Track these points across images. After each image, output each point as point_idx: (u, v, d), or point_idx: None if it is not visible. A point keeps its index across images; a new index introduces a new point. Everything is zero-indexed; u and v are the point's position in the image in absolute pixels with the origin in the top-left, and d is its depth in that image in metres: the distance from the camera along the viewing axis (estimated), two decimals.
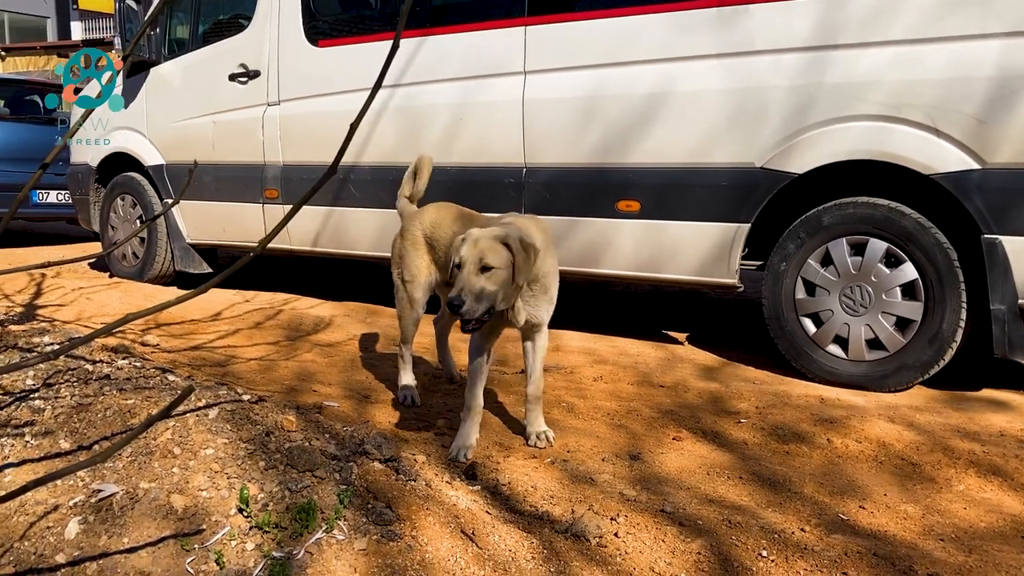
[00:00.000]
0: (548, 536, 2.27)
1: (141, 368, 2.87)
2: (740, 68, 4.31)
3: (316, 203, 5.92)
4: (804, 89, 4.14)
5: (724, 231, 4.45)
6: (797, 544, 2.34)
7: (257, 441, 2.24)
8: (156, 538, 1.91)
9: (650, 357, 4.84)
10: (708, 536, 2.37)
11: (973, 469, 3.08)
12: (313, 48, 5.85)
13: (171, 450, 2.18)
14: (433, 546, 2.01)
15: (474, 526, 2.17)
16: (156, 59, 6.77)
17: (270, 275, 7.70)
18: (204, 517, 1.98)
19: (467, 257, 2.82)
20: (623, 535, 2.35)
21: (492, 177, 5.13)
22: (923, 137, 3.88)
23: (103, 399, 2.41)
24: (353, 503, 2.08)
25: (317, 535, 1.93)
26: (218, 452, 2.17)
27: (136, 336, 4.85)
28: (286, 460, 2.17)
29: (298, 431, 2.36)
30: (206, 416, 2.32)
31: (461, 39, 5.18)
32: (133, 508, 2.00)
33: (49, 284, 6.01)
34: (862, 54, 4.01)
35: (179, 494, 2.03)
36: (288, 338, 5.26)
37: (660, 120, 4.54)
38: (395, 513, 2.09)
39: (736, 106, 4.32)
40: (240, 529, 1.95)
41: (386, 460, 2.40)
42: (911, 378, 4.08)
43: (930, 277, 3.98)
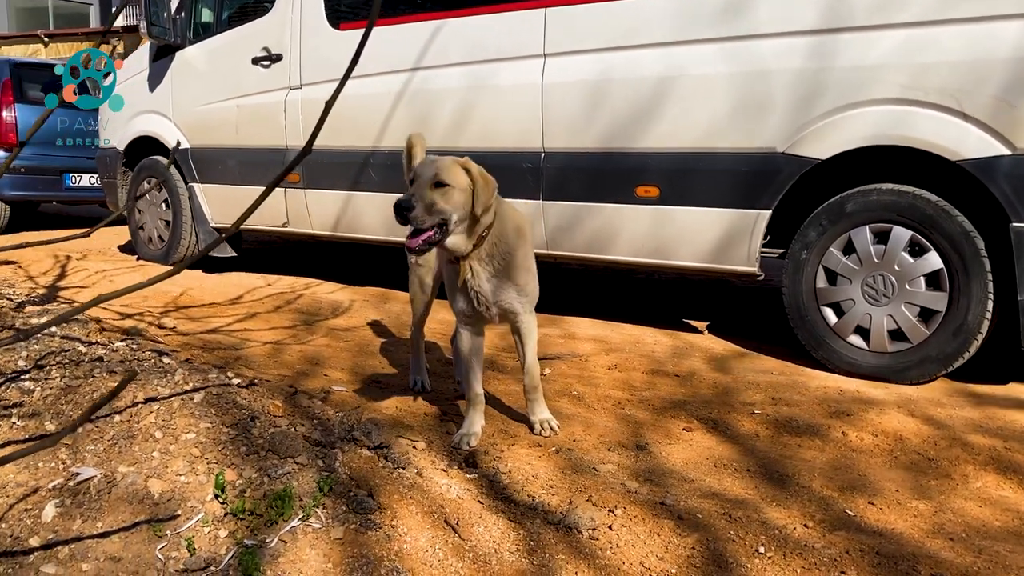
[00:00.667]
0: (539, 527, 2.22)
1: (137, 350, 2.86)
2: (763, 50, 4.19)
3: (336, 188, 5.91)
4: (827, 72, 4.02)
5: (744, 218, 4.34)
6: (797, 541, 2.26)
7: (241, 426, 2.21)
8: (130, 523, 1.89)
9: (666, 346, 4.75)
10: (705, 531, 2.30)
11: (992, 466, 2.97)
12: (334, 31, 5.81)
13: (152, 434, 2.16)
14: (412, 536, 1.97)
15: (459, 516, 2.12)
16: (181, 43, 6.78)
17: (296, 259, 7.72)
18: (180, 503, 1.95)
19: (421, 172, 2.74)
20: (618, 528, 2.29)
21: (510, 162, 5.05)
22: (950, 121, 3.75)
23: (92, 381, 2.39)
24: (334, 491, 2.05)
25: (293, 523, 1.90)
26: (199, 437, 2.15)
27: (153, 319, 4.87)
28: (268, 446, 2.14)
29: (285, 416, 2.33)
30: (191, 400, 2.30)
31: (480, 21, 5.11)
32: (110, 492, 1.99)
33: (74, 266, 6.07)
34: (887, 35, 3.88)
35: (157, 479, 2.01)
36: (304, 322, 5.25)
37: (680, 104, 4.44)
38: (376, 502, 2.05)
39: (757, 90, 4.21)
40: (215, 515, 1.92)
41: (375, 447, 2.36)
42: (934, 371, 3.95)
43: (955, 266, 3.85)
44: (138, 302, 5.34)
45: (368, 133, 5.65)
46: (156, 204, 7.18)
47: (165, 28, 6.69)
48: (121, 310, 4.98)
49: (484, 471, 2.74)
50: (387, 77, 5.53)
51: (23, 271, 5.87)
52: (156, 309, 5.22)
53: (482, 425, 3.16)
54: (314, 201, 6.07)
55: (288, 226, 6.32)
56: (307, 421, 2.37)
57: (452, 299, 3.12)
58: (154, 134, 7.03)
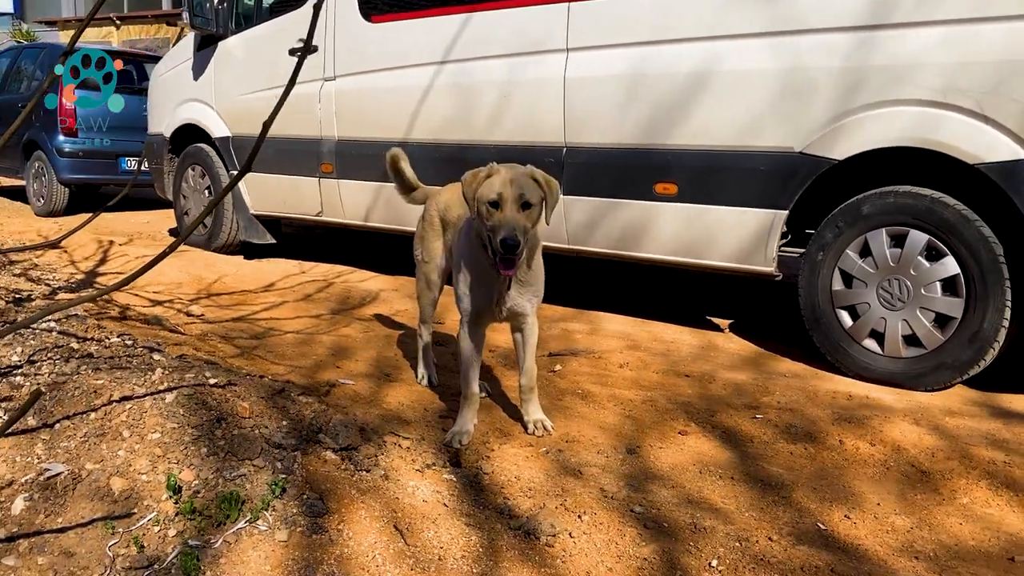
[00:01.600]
0: (497, 533, 2.26)
1: (131, 346, 2.97)
2: (779, 49, 4.13)
3: (367, 178, 6.00)
4: (845, 72, 3.94)
5: (762, 217, 4.30)
6: (756, 555, 2.26)
7: (205, 427, 2.29)
8: (88, 519, 1.98)
9: (685, 344, 4.73)
10: (665, 541, 2.32)
11: (986, 481, 2.91)
12: (366, 23, 5.88)
13: (121, 432, 2.25)
14: (356, 541, 2.02)
15: (413, 520, 2.17)
16: (223, 33, 6.92)
17: (334, 247, 7.85)
18: (137, 501, 2.04)
19: (508, 194, 2.75)
20: (578, 535, 2.31)
21: (533, 156, 5.04)
22: (969, 124, 3.65)
23: (77, 378, 2.50)
24: (287, 493, 2.12)
25: (239, 524, 1.97)
26: (164, 437, 2.23)
27: (183, 306, 5.03)
28: (228, 447, 2.22)
29: (252, 418, 2.40)
30: (163, 400, 2.39)
31: (504, 16, 5.12)
32: (74, 488, 2.09)
33: (116, 252, 6.28)
34: (906, 35, 3.79)
35: (119, 476, 2.10)
36: (332, 311, 5.35)
37: (698, 101, 4.40)
38: (326, 505, 2.11)
39: (775, 88, 4.15)
40: (167, 515, 2.00)
41: (340, 449, 2.42)
42: (949, 378, 3.87)
43: (972, 272, 3.76)
44: (171, 288, 5.52)
45: (397, 125, 5.71)
46: (200, 191, 7.37)
47: (208, 18, 6.85)
48: (153, 296, 5.15)
49: (467, 471, 2.79)
50: (415, 70, 5.58)
51: (67, 255, 6.09)
52: (188, 296, 5.38)
53: (475, 423, 3.21)
54: (347, 191, 6.17)
55: (322, 215, 6.44)
56: (275, 423, 2.44)
57: (468, 299, 3.14)
58: (198, 122, 7.20)
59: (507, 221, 2.74)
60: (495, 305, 3.10)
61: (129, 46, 28.42)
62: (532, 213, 2.83)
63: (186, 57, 7.34)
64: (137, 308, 4.66)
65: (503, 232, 2.71)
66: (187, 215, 7.58)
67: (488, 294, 3.09)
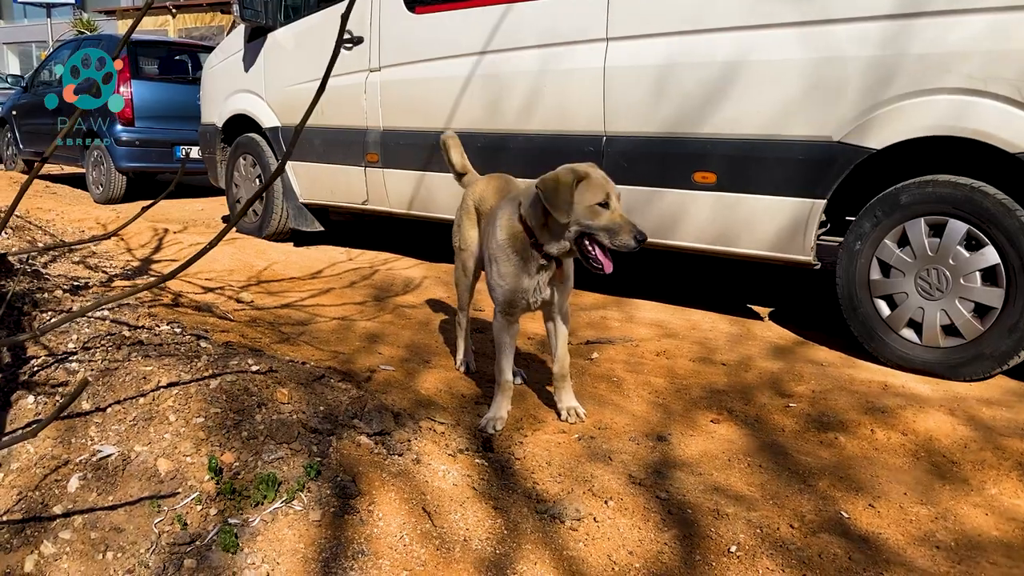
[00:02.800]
0: (522, 516, 2.34)
1: (180, 334, 3.10)
2: (818, 37, 4.12)
3: (411, 168, 6.10)
4: (883, 60, 3.92)
5: (799, 206, 4.30)
6: (775, 541, 2.31)
7: (247, 412, 2.40)
8: (136, 498, 2.11)
9: (721, 332, 4.76)
10: (687, 527, 2.38)
11: (1017, 472, 2.91)
12: (410, 14, 5.96)
13: (168, 416, 2.38)
14: (385, 521, 2.12)
15: (440, 503, 2.26)
16: (273, 24, 7.07)
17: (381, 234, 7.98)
18: (181, 481, 2.17)
19: (614, 193, 2.86)
20: (602, 519, 2.38)
21: (573, 145, 5.12)
22: (1009, 112, 3.61)
23: (128, 365, 2.64)
24: (322, 476, 2.22)
25: (275, 504, 2.08)
26: (208, 421, 2.35)
27: (233, 293, 5.18)
28: (267, 432, 2.33)
29: (290, 403, 2.51)
30: (207, 386, 2.51)
31: (545, 5, 5.16)
32: (124, 469, 2.22)
33: (170, 239, 6.47)
34: (943, 22, 3.75)
35: (165, 458, 2.23)
36: (375, 298, 5.48)
37: (737, 90, 4.41)
38: (357, 487, 2.21)
39: (814, 77, 4.14)
40: (208, 495, 2.12)
41: (374, 434, 2.52)
42: (988, 368, 3.85)
43: (1012, 262, 3.72)
44: (223, 276, 5.69)
45: (441, 115, 5.79)
46: (251, 179, 7.55)
47: (257, 11, 6.99)
48: (205, 284, 5.32)
49: (498, 456, 2.88)
50: (458, 60, 5.65)
51: (124, 243, 6.31)
52: (238, 283, 5.54)
53: (508, 410, 3.29)
54: (391, 180, 6.28)
55: (368, 203, 6.56)
56: (313, 408, 2.55)
57: (502, 289, 3.17)
58: (248, 112, 7.37)
59: (627, 220, 2.83)
60: (529, 295, 3.17)
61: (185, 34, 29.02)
62: None
63: (237, 48, 7.51)
64: (189, 295, 4.83)
65: (631, 231, 2.80)
66: (239, 203, 7.78)
67: (522, 285, 3.15)
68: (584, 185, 2.84)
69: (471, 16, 5.55)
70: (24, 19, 43.72)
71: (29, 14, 42.42)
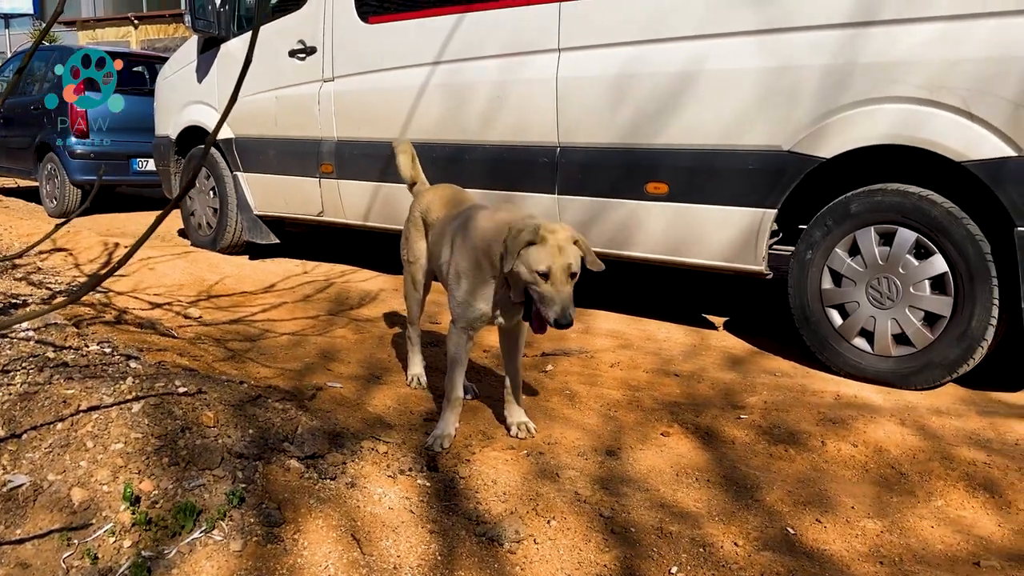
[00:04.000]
0: (459, 540, 2.28)
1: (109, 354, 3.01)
2: (765, 47, 4.12)
3: (367, 179, 6.03)
4: (830, 70, 3.92)
5: (751, 216, 4.29)
6: (718, 560, 2.27)
7: (169, 437, 2.32)
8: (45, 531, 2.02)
9: (677, 343, 4.73)
10: (629, 547, 2.33)
11: (963, 483, 2.90)
12: (364, 24, 5.90)
13: (85, 443, 2.29)
14: (310, 551, 2.05)
15: (371, 529, 2.19)
16: (225, 35, 6.97)
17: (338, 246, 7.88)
18: (96, 512, 2.08)
19: (558, 267, 2.71)
20: (542, 541, 2.33)
21: (527, 156, 5.09)
22: (955, 121, 3.63)
23: (49, 388, 2.54)
24: (246, 503, 2.15)
25: (194, 535, 2.00)
26: (127, 447, 2.27)
27: (181, 308, 5.08)
28: (189, 457, 2.25)
29: (216, 427, 2.43)
30: (129, 410, 2.43)
31: (497, 16, 5.13)
32: (35, 500, 2.13)
33: (120, 253, 6.33)
34: (891, 31, 3.77)
35: (80, 487, 2.14)
36: (329, 312, 5.39)
37: (687, 100, 4.39)
38: (282, 515, 2.14)
39: (762, 86, 4.14)
40: (123, 526, 2.04)
41: (306, 457, 2.44)
42: (938, 377, 3.85)
43: (960, 271, 3.74)
44: (172, 290, 5.57)
45: (395, 126, 5.73)
46: (204, 192, 7.43)
47: (209, 21, 6.90)
48: (153, 299, 5.21)
49: (443, 475, 2.81)
50: (412, 71, 5.59)
51: (72, 258, 6.17)
52: (188, 298, 5.43)
53: (457, 427, 3.23)
54: (347, 191, 6.20)
55: (324, 215, 6.48)
56: (241, 431, 2.47)
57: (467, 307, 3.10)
58: (202, 124, 7.26)
59: (561, 299, 2.70)
60: (494, 315, 3.11)
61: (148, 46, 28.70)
62: (575, 280, 2.79)
63: (190, 60, 7.40)
64: (135, 311, 4.72)
65: (558, 309, 2.68)
66: (193, 215, 7.66)
67: (488, 306, 3.08)
68: (534, 252, 2.74)
69: (424, 26, 5.50)
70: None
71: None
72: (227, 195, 7.16)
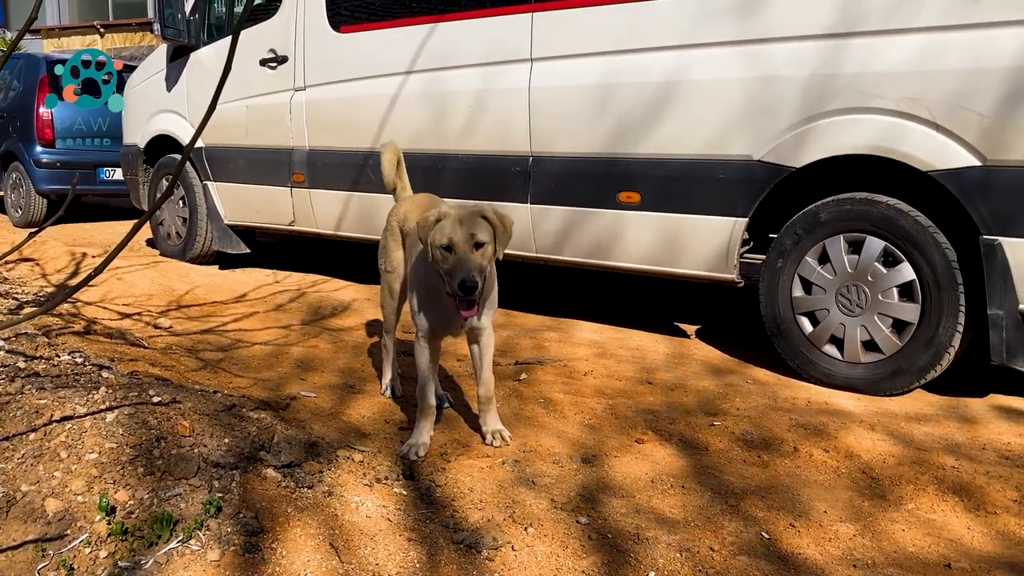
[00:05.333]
0: (438, 547, 2.28)
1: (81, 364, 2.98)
2: (734, 58, 4.17)
3: (338, 188, 6.01)
4: (796, 80, 3.99)
5: (722, 225, 4.33)
6: (695, 565, 2.29)
7: (144, 447, 2.30)
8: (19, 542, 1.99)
9: (655, 352, 4.76)
10: (606, 552, 2.34)
11: (934, 486, 2.95)
12: (335, 34, 5.90)
13: (59, 453, 2.26)
14: (289, 559, 2.04)
15: (350, 537, 2.19)
16: (195, 44, 6.93)
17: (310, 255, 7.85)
18: (71, 522, 2.06)
19: (459, 237, 2.79)
20: (520, 548, 2.34)
21: (501, 166, 5.11)
22: (921, 131, 3.70)
23: (20, 398, 2.51)
24: (224, 512, 2.13)
25: (171, 544, 1.99)
26: (102, 457, 2.24)
27: (151, 318, 5.03)
28: (165, 467, 2.23)
29: (192, 436, 2.41)
30: (103, 420, 2.40)
31: (470, 26, 5.15)
32: (8, 511, 2.10)
33: (88, 264, 6.26)
34: (857, 43, 3.83)
35: (54, 498, 2.11)
36: (303, 321, 5.37)
37: (658, 110, 4.43)
38: (260, 524, 2.13)
39: (731, 97, 4.19)
40: (99, 536, 2.02)
41: (283, 466, 2.43)
42: (907, 383, 3.91)
43: (927, 278, 3.80)
44: (142, 300, 5.52)
45: (367, 135, 5.73)
46: (174, 201, 7.37)
47: (179, 30, 6.85)
48: (122, 309, 5.15)
49: (419, 483, 2.81)
50: (384, 80, 5.60)
51: (39, 268, 6.09)
52: (158, 308, 5.38)
53: (432, 435, 3.23)
54: (318, 201, 6.18)
55: (295, 225, 6.45)
56: (217, 440, 2.45)
57: (424, 316, 3.16)
58: (171, 133, 7.20)
59: (462, 263, 2.76)
60: (450, 321, 3.13)
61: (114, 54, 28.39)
62: (486, 251, 2.85)
63: (159, 68, 7.35)
64: (104, 322, 4.67)
65: (460, 275, 2.74)
66: (162, 225, 7.59)
67: (444, 312, 3.12)
68: (437, 228, 2.83)
69: (395, 36, 5.51)
70: None
71: None
72: (197, 204, 7.10)
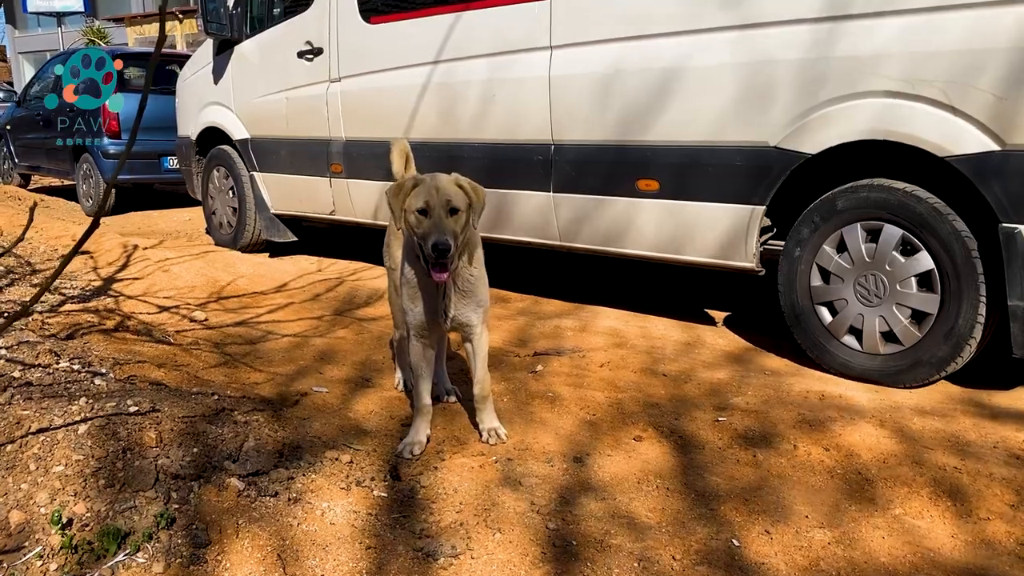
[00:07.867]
0: (393, 556, 2.32)
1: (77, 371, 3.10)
2: (750, 42, 4.06)
3: (373, 177, 6.08)
4: (812, 64, 3.86)
5: (740, 213, 4.24)
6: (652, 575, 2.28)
7: (109, 459, 2.40)
8: None
9: (672, 341, 4.71)
10: (564, 562, 2.35)
11: (929, 489, 2.86)
12: (366, 25, 5.94)
13: (29, 465, 2.38)
14: (233, 571, 2.11)
15: (301, 548, 2.25)
16: (239, 37, 7.07)
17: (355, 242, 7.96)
18: (30, 535, 2.16)
19: (435, 201, 2.83)
20: (479, 556, 2.36)
21: (522, 155, 5.09)
22: (938, 115, 3.54)
23: (7, 409, 2.64)
24: (177, 524, 2.21)
25: (118, 558, 2.07)
26: (67, 469, 2.35)
27: (188, 312, 5.20)
28: (125, 479, 2.32)
29: (157, 447, 2.50)
30: (75, 431, 2.51)
31: (490, 14, 5.13)
32: None
33: (138, 256, 6.49)
34: (874, 24, 3.68)
35: (19, 510, 2.22)
36: (335, 312, 5.47)
37: (675, 96, 4.35)
38: (210, 536, 2.20)
39: (749, 81, 4.08)
40: (52, 549, 2.12)
41: (249, 475, 2.50)
42: (927, 375, 3.79)
43: (946, 268, 3.66)
44: (183, 293, 5.71)
45: (399, 125, 5.77)
46: (224, 191, 7.57)
47: (222, 24, 7.00)
48: (162, 302, 5.34)
49: (404, 485, 2.86)
50: (413, 70, 5.62)
51: (92, 261, 6.34)
52: (197, 300, 5.55)
53: (428, 434, 3.28)
54: (356, 190, 6.27)
55: (335, 214, 6.56)
56: (184, 451, 2.53)
57: (412, 312, 3.20)
58: (219, 125, 7.39)
59: (436, 226, 2.80)
60: (439, 316, 3.16)
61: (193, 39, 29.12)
62: (460, 218, 2.88)
63: (207, 61, 7.53)
64: (140, 315, 4.84)
65: (434, 236, 2.78)
66: (214, 215, 7.81)
67: (431, 306, 3.14)
68: (413, 192, 2.87)
69: (423, 26, 5.52)
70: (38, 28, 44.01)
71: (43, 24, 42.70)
72: (245, 195, 7.29)
